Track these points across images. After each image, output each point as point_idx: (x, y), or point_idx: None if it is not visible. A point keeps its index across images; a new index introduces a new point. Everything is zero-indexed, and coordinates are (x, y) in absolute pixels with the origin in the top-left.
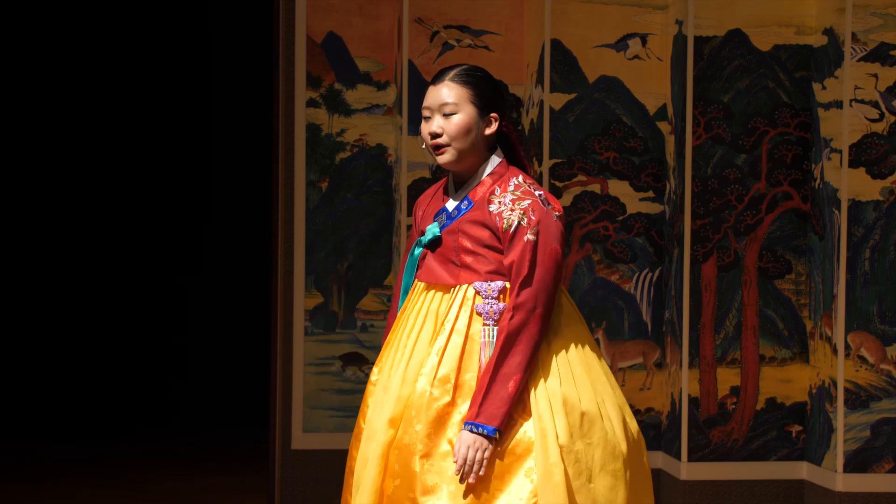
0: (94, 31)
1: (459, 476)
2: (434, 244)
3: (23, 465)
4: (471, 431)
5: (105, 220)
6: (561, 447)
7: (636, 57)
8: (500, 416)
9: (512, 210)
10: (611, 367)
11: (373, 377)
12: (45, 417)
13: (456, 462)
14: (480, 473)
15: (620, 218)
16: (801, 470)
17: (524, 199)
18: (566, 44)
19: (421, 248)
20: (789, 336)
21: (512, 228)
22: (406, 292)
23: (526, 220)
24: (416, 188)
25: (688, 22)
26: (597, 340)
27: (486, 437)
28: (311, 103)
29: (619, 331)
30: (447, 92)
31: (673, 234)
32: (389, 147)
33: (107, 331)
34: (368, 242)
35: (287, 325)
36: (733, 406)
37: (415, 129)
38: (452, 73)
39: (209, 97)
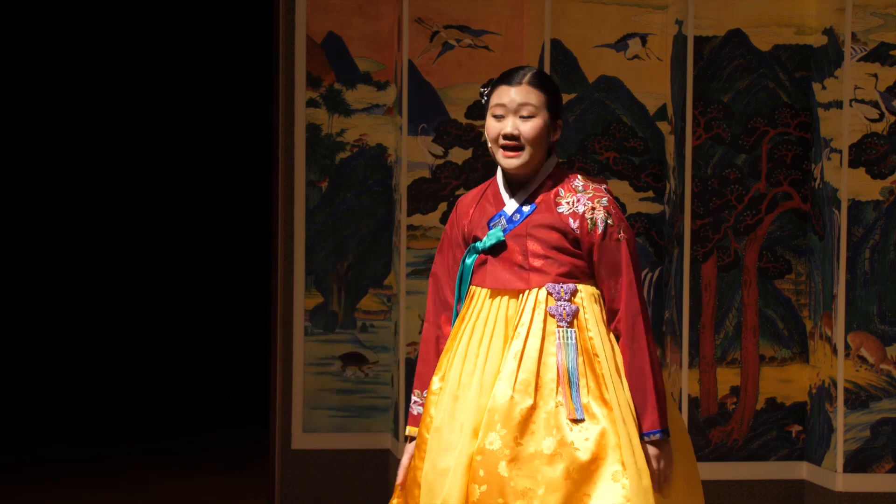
0: (94, 31)
1: (659, 489)
2: (496, 249)
3: (23, 465)
4: (659, 441)
5: (106, 219)
6: (641, 453)
7: (636, 57)
8: (667, 416)
9: (594, 209)
10: None
11: (433, 386)
12: (45, 417)
13: (653, 478)
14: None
15: None
16: (801, 470)
17: (600, 197)
18: (566, 44)
19: (476, 255)
20: (789, 336)
21: (599, 229)
22: (462, 300)
23: (611, 218)
24: (416, 188)
25: (688, 22)
26: None
27: (668, 441)
28: (311, 103)
29: None
30: (526, 94)
31: (673, 234)
32: (389, 147)
33: (107, 331)
34: (368, 242)
35: (287, 325)
36: (733, 406)
37: (414, 128)
38: (529, 75)
39: (209, 97)
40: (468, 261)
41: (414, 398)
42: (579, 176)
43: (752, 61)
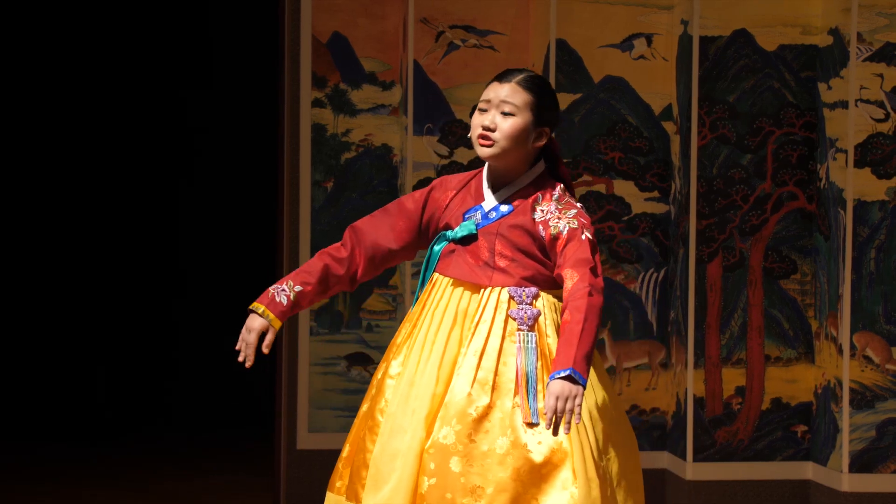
0: (100, 30)
1: (553, 428)
2: (466, 241)
3: (23, 465)
4: (566, 379)
5: (108, 217)
6: (595, 462)
7: (641, 57)
8: (586, 371)
9: (559, 218)
10: (616, 368)
11: (391, 370)
12: (45, 417)
13: (546, 414)
14: (577, 422)
15: (626, 218)
16: (807, 470)
17: (570, 209)
18: (571, 44)
19: (445, 243)
20: (794, 336)
21: (564, 232)
22: (423, 284)
23: (576, 223)
24: (421, 188)
25: (693, 22)
26: (602, 340)
27: (582, 385)
28: (317, 103)
29: (624, 331)
30: (511, 92)
31: (678, 234)
32: (395, 147)
33: (108, 330)
34: None
35: (292, 325)
36: (738, 406)
37: (420, 129)
38: (521, 76)
39: (214, 97)
40: (436, 247)
41: (282, 286)
42: (560, 188)
43: (758, 61)
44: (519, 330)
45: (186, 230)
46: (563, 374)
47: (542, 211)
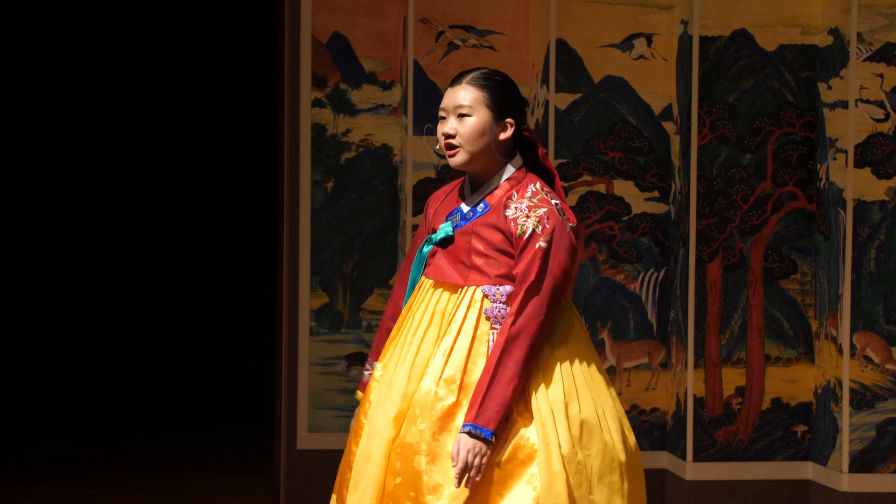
0: (98, 31)
1: (457, 480)
2: (445, 243)
3: (23, 465)
4: (469, 434)
5: (109, 218)
6: (563, 456)
7: (641, 57)
8: (497, 420)
9: (527, 217)
10: (616, 368)
11: (376, 373)
12: (46, 417)
13: (455, 465)
14: (477, 479)
15: (626, 218)
16: (807, 470)
17: (540, 207)
18: (571, 44)
19: (431, 246)
20: (794, 336)
21: (526, 235)
22: (412, 288)
23: (541, 227)
24: (422, 188)
25: (693, 22)
26: (602, 340)
27: (484, 440)
28: (317, 103)
29: (624, 331)
30: (463, 94)
31: (678, 234)
32: (395, 147)
33: (109, 330)
34: (374, 242)
35: (292, 325)
36: (738, 406)
37: (420, 129)
38: (470, 76)
39: (214, 98)
40: (424, 250)
41: (366, 368)
42: (537, 184)
43: (758, 61)
44: (492, 328)
45: (186, 230)
46: (465, 430)
47: (515, 208)
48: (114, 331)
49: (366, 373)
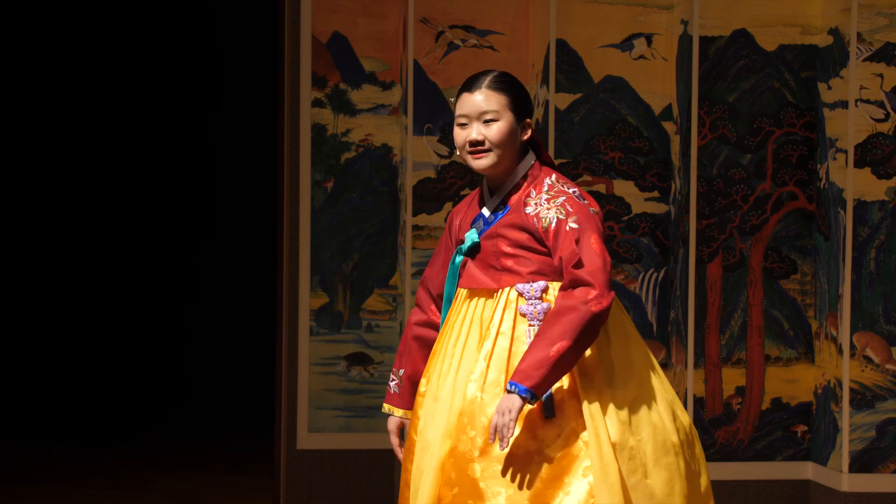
0: (99, 30)
1: (490, 438)
2: (473, 251)
3: (23, 465)
4: (507, 392)
5: (111, 218)
6: (613, 445)
7: (641, 57)
8: (536, 377)
9: (548, 209)
10: None
11: (421, 388)
12: (46, 417)
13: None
14: (510, 436)
15: (626, 218)
16: (807, 470)
17: (558, 197)
18: (571, 44)
19: (461, 257)
20: (794, 336)
21: (553, 225)
22: (449, 302)
23: (564, 213)
24: (422, 188)
25: (693, 22)
26: None
27: (520, 396)
28: (317, 103)
29: None
30: (486, 99)
31: (678, 234)
32: (395, 147)
33: (110, 330)
34: (374, 242)
35: (292, 325)
36: (738, 406)
37: (420, 129)
38: (487, 80)
39: (214, 97)
40: (456, 261)
41: (392, 378)
42: (553, 176)
43: (758, 61)
44: (530, 325)
45: (186, 230)
46: (507, 388)
47: (535, 204)
48: (114, 331)
49: (391, 383)
